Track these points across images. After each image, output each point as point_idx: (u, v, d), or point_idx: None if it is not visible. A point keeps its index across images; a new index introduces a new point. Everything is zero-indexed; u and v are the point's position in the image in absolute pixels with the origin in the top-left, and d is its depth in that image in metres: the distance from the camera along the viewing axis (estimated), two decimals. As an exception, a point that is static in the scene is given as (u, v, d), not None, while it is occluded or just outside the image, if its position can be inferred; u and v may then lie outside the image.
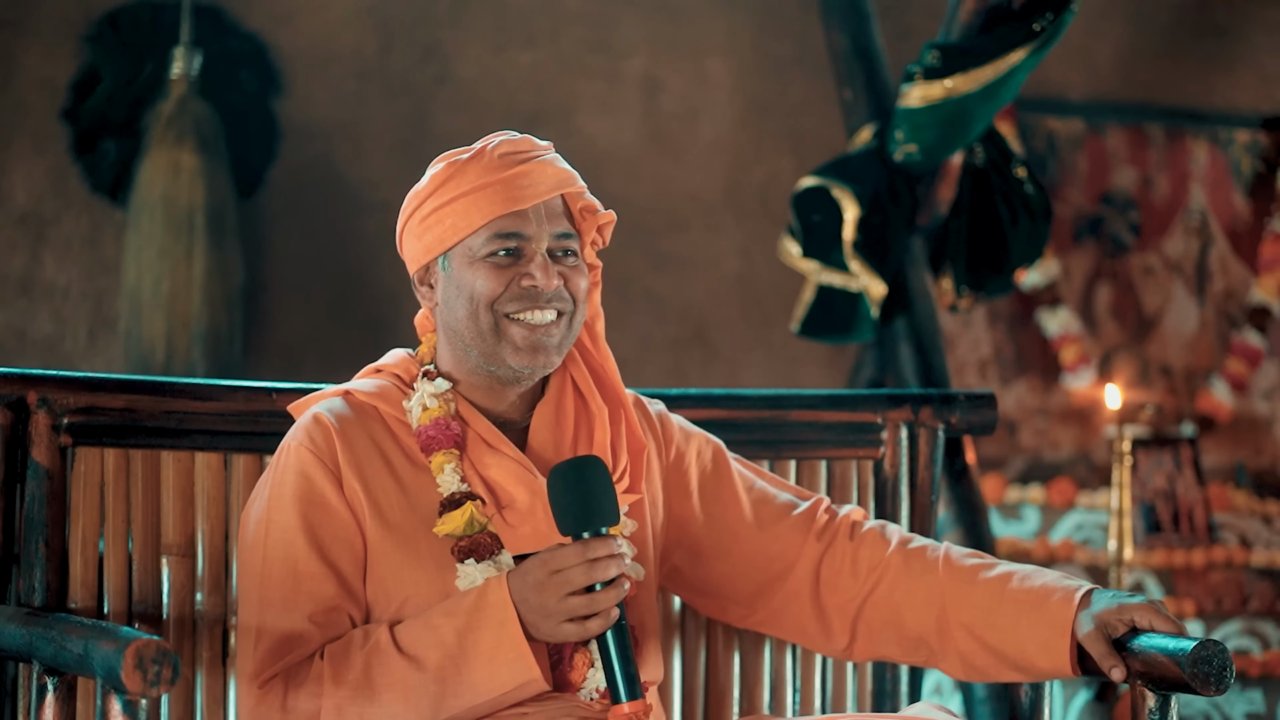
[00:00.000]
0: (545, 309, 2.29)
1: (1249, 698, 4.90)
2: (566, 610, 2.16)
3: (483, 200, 2.28)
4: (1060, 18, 3.98)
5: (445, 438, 2.29)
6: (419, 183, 2.38)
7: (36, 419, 2.43)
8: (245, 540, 2.30)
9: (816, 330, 4.38)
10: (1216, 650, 2.23)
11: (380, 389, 2.35)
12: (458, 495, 2.27)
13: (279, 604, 2.23)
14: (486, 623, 2.18)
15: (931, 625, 2.41)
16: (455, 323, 2.32)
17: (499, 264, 2.29)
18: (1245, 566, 5.23)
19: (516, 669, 2.17)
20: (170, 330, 4.74)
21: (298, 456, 2.28)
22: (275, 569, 2.25)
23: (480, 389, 2.34)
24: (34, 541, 2.40)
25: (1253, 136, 5.94)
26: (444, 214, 2.31)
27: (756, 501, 2.49)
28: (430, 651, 2.18)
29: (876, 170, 4.26)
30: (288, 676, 2.21)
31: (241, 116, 5.01)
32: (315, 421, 2.30)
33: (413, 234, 2.37)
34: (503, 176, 2.29)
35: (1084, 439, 5.71)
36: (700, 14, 5.50)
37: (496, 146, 2.32)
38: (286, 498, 2.26)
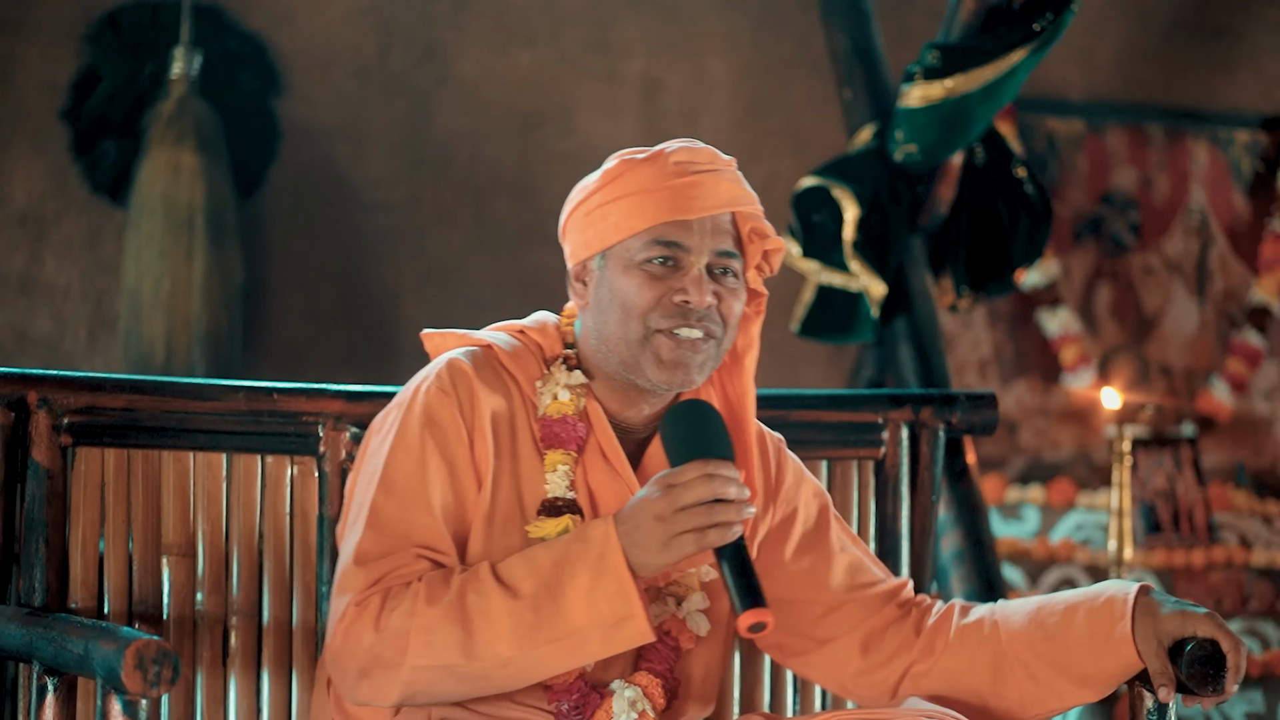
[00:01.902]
0: (694, 327, 2.23)
1: (1249, 698, 4.89)
2: (684, 521, 2.09)
3: (649, 203, 2.22)
4: (1060, 18, 3.98)
5: (568, 437, 2.25)
6: (588, 176, 2.30)
7: (37, 419, 2.43)
8: (362, 474, 2.25)
9: (816, 330, 4.38)
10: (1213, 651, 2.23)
11: (520, 355, 2.29)
12: (560, 502, 2.23)
13: (388, 540, 2.19)
14: (588, 554, 2.12)
15: (987, 671, 2.35)
16: (602, 325, 2.26)
17: (654, 273, 2.22)
18: (1245, 566, 5.23)
19: (616, 603, 2.11)
20: (170, 330, 4.74)
21: (437, 403, 2.23)
22: (389, 506, 2.20)
23: (614, 392, 2.29)
24: (34, 541, 2.40)
25: (1253, 136, 5.94)
26: (608, 211, 2.24)
27: (847, 567, 2.43)
28: (526, 580, 2.13)
29: (876, 170, 4.26)
30: (385, 596, 2.16)
31: (241, 116, 5.01)
32: (459, 371, 2.25)
33: (576, 226, 2.28)
34: (674, 184, 2.22)
35: (1084, 439, 5.71)
36: (700, 14, 5.50)
37: (675, 152, 2.26)
38: (414, 444, 2.21)
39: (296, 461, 2.53)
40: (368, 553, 2.19)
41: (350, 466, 2.55)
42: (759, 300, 2.35)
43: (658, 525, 2.10)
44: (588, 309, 2.28)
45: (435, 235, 5.27)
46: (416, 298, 5.22)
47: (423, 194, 5.28)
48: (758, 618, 2.09)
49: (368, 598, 2.17)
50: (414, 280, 5.23)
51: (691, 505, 2.10)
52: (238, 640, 2.49)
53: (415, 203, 5.27)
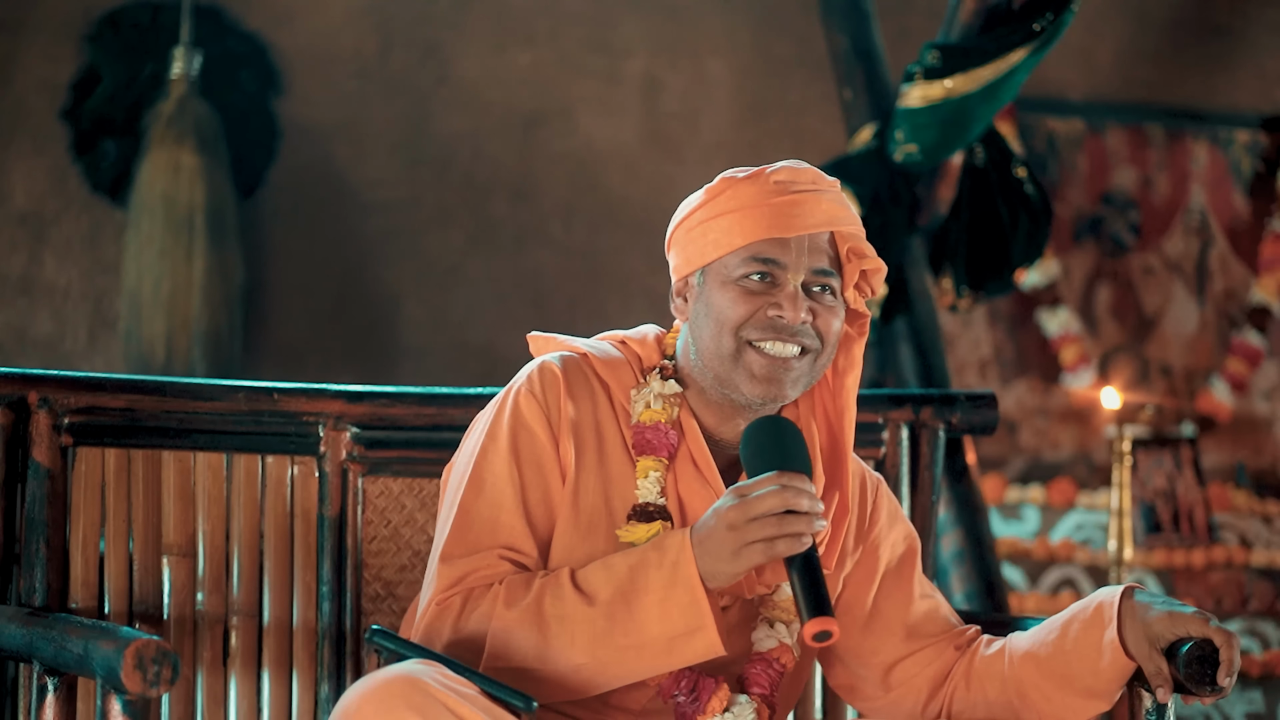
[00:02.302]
0: (789, 342, 2.24)
1: (1249, 698, 4.89)
2: (755, 530, 2.09)
3: (748, 221, 2.24)
4: (1060, 18, 3.98)
5: (660, 444, 2.27)
6: (695, 193, 2.33)
7: (37, 419, 2.43)
8: (454, 474, 2.29)
9: (816, 330, 4.38)
10: (1211, 651, 2.23)
11: (616, 364, 2.32)
12: (651, 508, 2.25)
13: (473, 540, 2.22)
14: (661, 561, 2.14)
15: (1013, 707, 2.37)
16: (699, 340, 2.28)
17: (750, 289, 2.24)
18: (1245, 566, 5.23)
19: (689, 613, 2.12)
20: (170, 330, 4.74)
21: (525, 406, 2.26)
22: (476, 506, 2.23)
23: (709, 406, 2.31)
24: (34, 541, 2.40)
25: (1253, 136, 5.94)
26: (709, 228, 2.27)
27: (925, 614, 2.43)
28: (602, 587, 2.15)
29: (876, 170, 4.26)
30: (466, 597, 2.20)
31: (241, 116, 5.01)
32: (549, 374, 2.28)
33: (678, 243, 2.31)
34: (774, 202, 2.24)
35: (1084, 439, 5.71)
36: (700, 14, 5.50)
37: (776, 171, 2.28)
38: (503, 445, 2.25)
39: (297, 461, 2.53)
40: (453, 551, 2.22)
41: (350, 466, 2.55)
42: (862, 321, 2.36)
43: (729, 534, 2.12)
44: (688, 324, 2.31)
45: (435, 235, 5.27)
46: (416, 298, 5.22)
47: (423, 194, 5.28)
48: (823, 626, 2.10)
49: (449, 598, 2.20)
50: (414, 280, 5.23)
51: (763, 515, 2.11)
52: (238, 640, 2.49)
53: (415, 203, 5.27)
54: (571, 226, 5.27)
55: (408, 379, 4.80)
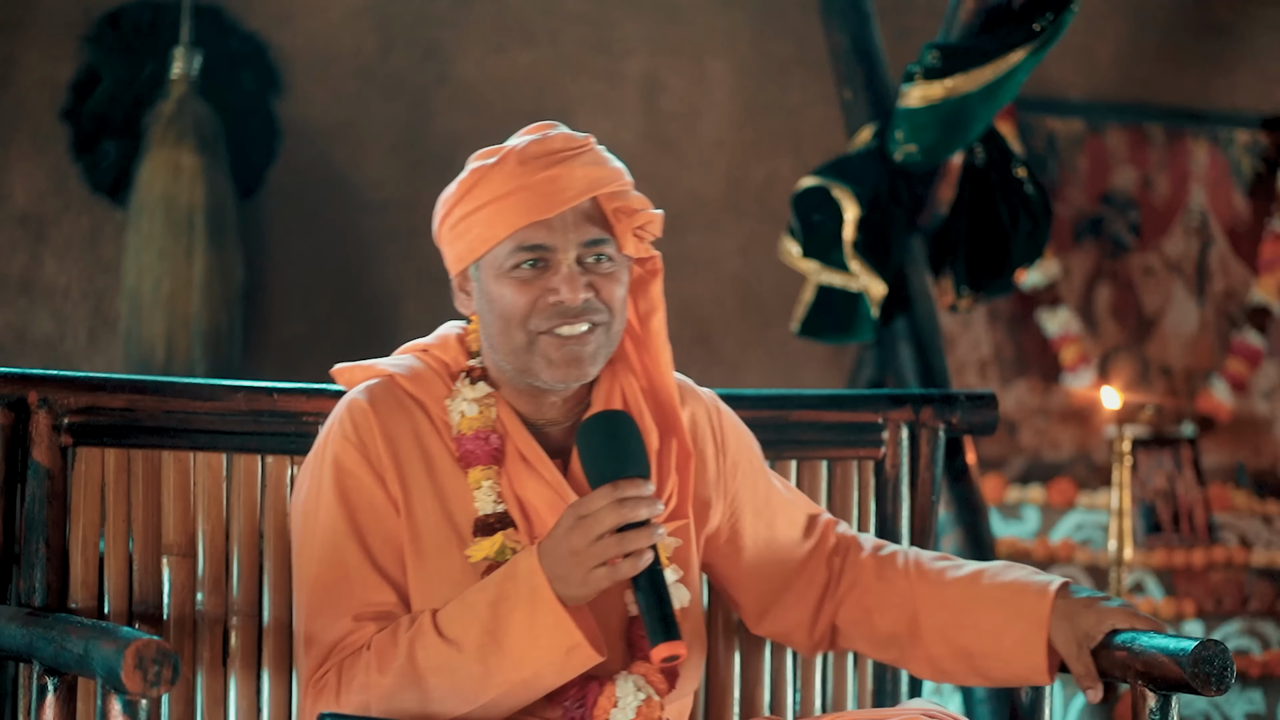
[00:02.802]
0: (576, 322, 2.20)
1: (1249, 698, 4.90)
2: (597, 553, 2.08)
3: (506, 210, 2.18)
4: (1060, 18, 3.98)
5: (484, 453, 2.23)
6: (449, 186, 2.27)
7: (37, 419, 2.43)
8: (295, 536, 2.27)
9: (816, 330, 4.38)
10: (1218, 650, 2.23)
11: (423, 378, 2.28)
12: (492, 519, 2.22)
13: (330, 608, 2.20)
14: (518, 591, 2.11)
15: (904, 628, 2.41)
16: (490, 335, 2.25)
17: (524, 278, 2.20)
18: (1245, 566, 5.23)
19: (556, 636, 2.10)
20: (170, 330, 4.74)
21: (342, 453, 2.23)
22: (324, 572, 2.21)
23: (522, 395, 2.27)
24: (34, 541, 2.40)
25: (1253, 136, 5.94)
26: (471, 223, 2.21)
27: (786, 521, 2.46)
28: (468, 630, 2.13)
29: (876, 170, 4.26)
30: (340, 672, 2.18)
31: (241, 116, 5.01)
32: (358, 412, 2.25)
33: (445, 241, 2.27)
34: (528, 183, 2.18)
35: (1084, 439, 5.71)
36: (700, 14, 5.50)
37: (525, 148, 2.21)
38: (331, 497, 2.22)
39: (296, 461, 2.53)
40: (313, 628, 2.20)
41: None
42: (653, 260, 2.32)
43: (573, 560, 2.10)
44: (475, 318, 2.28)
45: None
46: (416, 298, 5.22)
47: (423, 194, 5.28)
48: (672, 650, 2.10)
49: (323, 676, 2.19)
50: (414, 280, 5.23)
51: (603, 535, 2.09)
52: (238, 640, 2.49)
53: (415, 203, 5.27)
54: (571, 226, 5.27)
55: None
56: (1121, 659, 2.33)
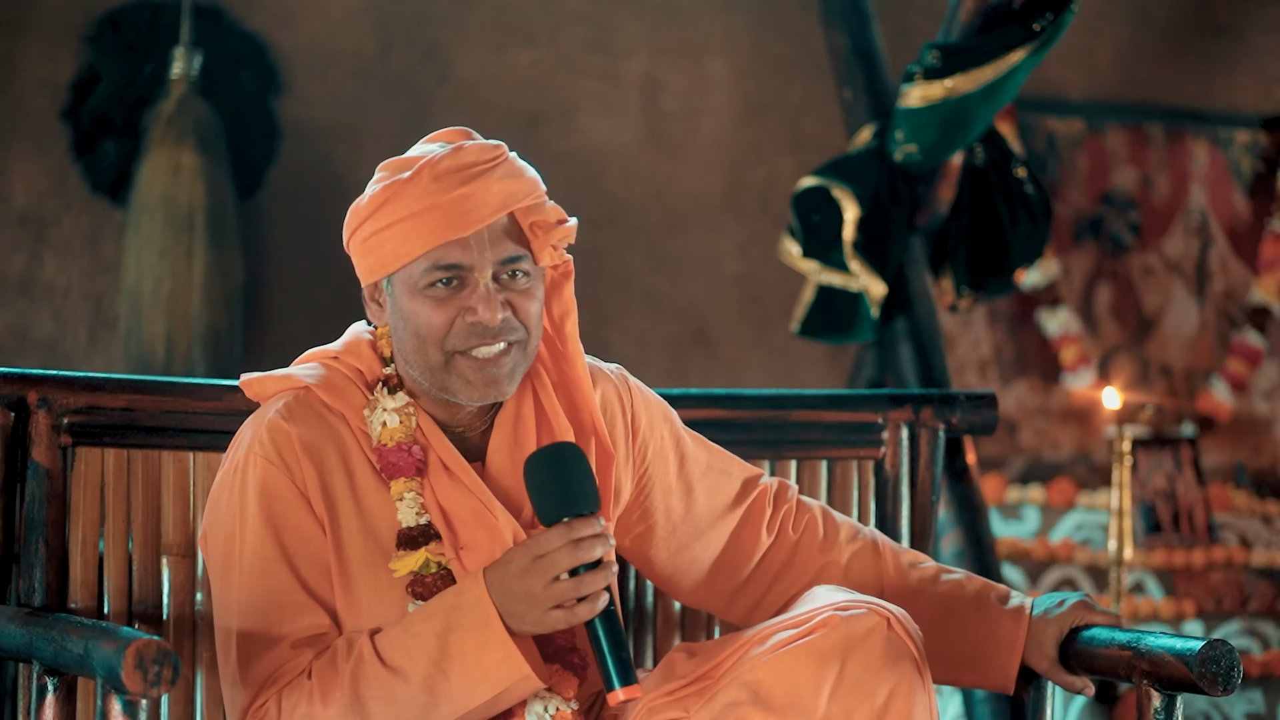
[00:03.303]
0: (493, 342, 2.17)
1: (1249, 698, 4.89)
2: (554, 596, 2.07)
3: (421, 228, 2.14)
4: (1060, 18, 3.98)
5: (406, 464, 2.19)
6: (361, 197, 2.23)
7: (36, 419, 2.43)
8: (216, 562, 2.21)
9: (816, 330, 4.38)
10: (1224, 650, 2.23)
11: (338, 388, 2.25)
12: (415, 531, 2.18)
13: (263, 635, 2.16)
14: (467, 623, 2.09)
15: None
16: (404, 350, 2.22)
17: (439, 296, 2.16)
18: (1245, 566, 5.23)
19: (505, 669, 2.09)
20: (170, 330, 4.74)
21: (263, 474, 2.18)
22: (254, 596, 2.17)
23: (437, 403, 2.24)
24: (34, 541, 2.40)
25: (1253, 136, 5.94)
26: (383, 239, 2.17)
27: (709, 489, 2.41)
28: (414, 660, 2.10)
29: (876, 170, 4.26)
30: (279, 701, 2.15)
31: (241, 116, 5.01)
32: (276, 431, 2.20)
33: (357, 253, 2.23)
34: (442, 201, 2.14)
35: (1084, 439, 5.71)
36: (700, 14, 5.50)
37: (438, 162, 2.16)
38: (257, 522, 2.18)
39: (296, 461, 2.53)
40: (247, 654, 2.16)
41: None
42: (565, 264, 2.28)
43: (528, 601, 2.08)
44: (386, 330, 2.25)
45: (435, 235, 5.27)
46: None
47: (423, 194, 5.28)
48: (630, 695, 2.08)
49: (262, 706, 2.15)
50: (414, 280, 5.23)
51: (559, 577, 2.07)
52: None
53: (415, 203, 5.27)
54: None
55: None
56: (1127, 658, 2.32)
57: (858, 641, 2.10)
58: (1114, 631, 2.38)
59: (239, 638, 2.18)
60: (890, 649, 2.12)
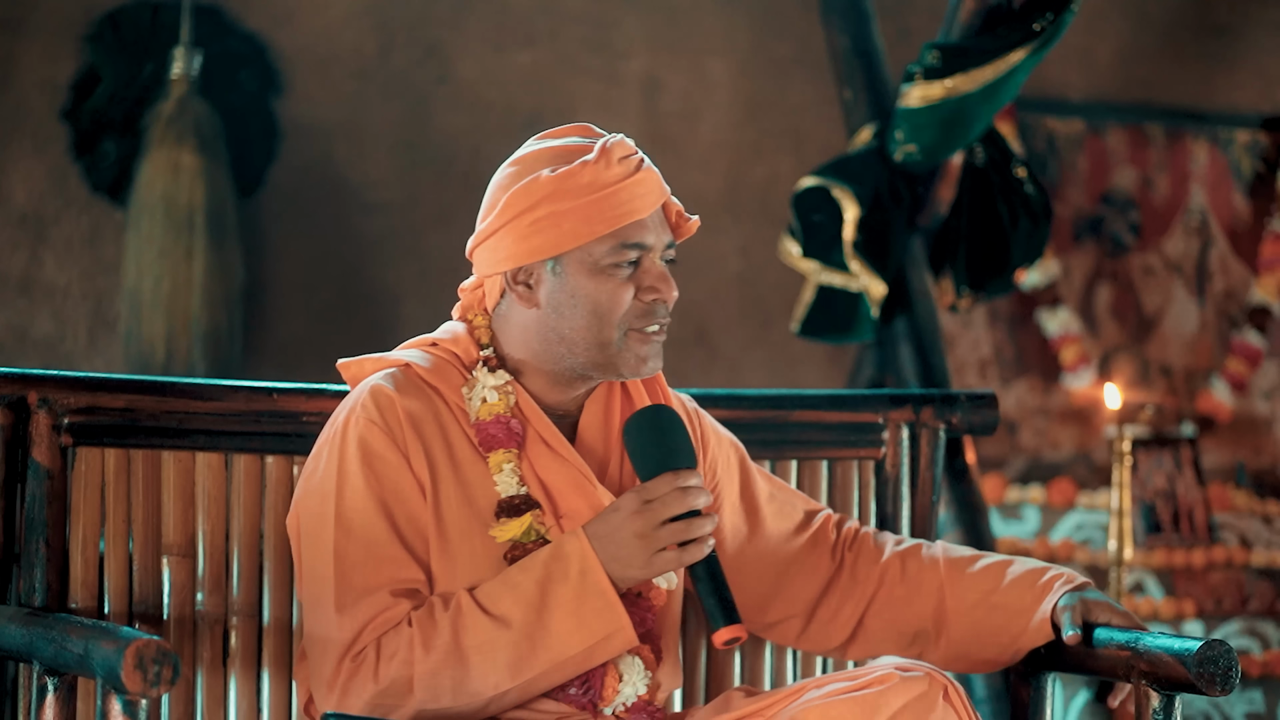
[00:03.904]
0: (659, 321, 2.27)
1: (1249, 698, 4.90)
2: (664, 538, 2.15)
3: (608, 206, 2.22)
4: (1060, 18, 3.98)
5: (506, 436, 2.27)
6: (521, 179, 2.27)
7: (37, 419, 2.43)
8: (311, 516, 2.25)
9: (816, 330, 4.38)
10: (1222, 650, 2.23)
11: (439, 368, 2.31)
12: (517, 500, 2.25)
13: (360, 583, 2.20)
14: (569, 572, 2.16)
15: (929, 617, 2.46)
16: (565, 328, 2.27)
17: (623, 276, 2.25)
18: (1245, 566, 5.23)
19: (605, 618, 2.16)
20: (170, 330, 4.74)
21: (368, 434, 2.24)
22: (352, 548, 2.21)
23: (547, 382, 2.31)
24: (34, 541, 2.40)
25: (1253, 136, 5.94)
26: (562, 217, 2.22)
27: (775, 514, 2.51)
28: (514, 608, 2.16)
29: (876, 170, 4.26)
30: (377, 646, 2.18)
31: (241, 116, 5.01)
32: (382, 396, 2.26)
33: (516, 233, 2.25)
34: (627, 182, 2.23)
35: (1084, 439, 5.71)
36: (700, 14, 5.50)
37: (613, 147, 2.25)
38: (359, 478, 2.23)
39: (297, 462, 2.53)
40: (344, 600, 2.20)
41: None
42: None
43: (639, 543, 2.16)
44: (539, 311, 2.28)
45: (435, 235, 5.27)
46: (416, 298, 5.22)
47: (423, 194, 5.28)
48: (734, 633, 2.16)
49: (361, 651, 2.19)
50: (414, 280, 5.23)
51: (669, 520, 2.15)
52: (238, 640, 2.49)
53: (415, 203, 5.27)
54: (571, 226, 5.28)
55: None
56: (1125, 658, 2.33)
57: (910, 703, 2.16)
58: (1113, 631, 2.38)
59: (336, 585, 2.21)
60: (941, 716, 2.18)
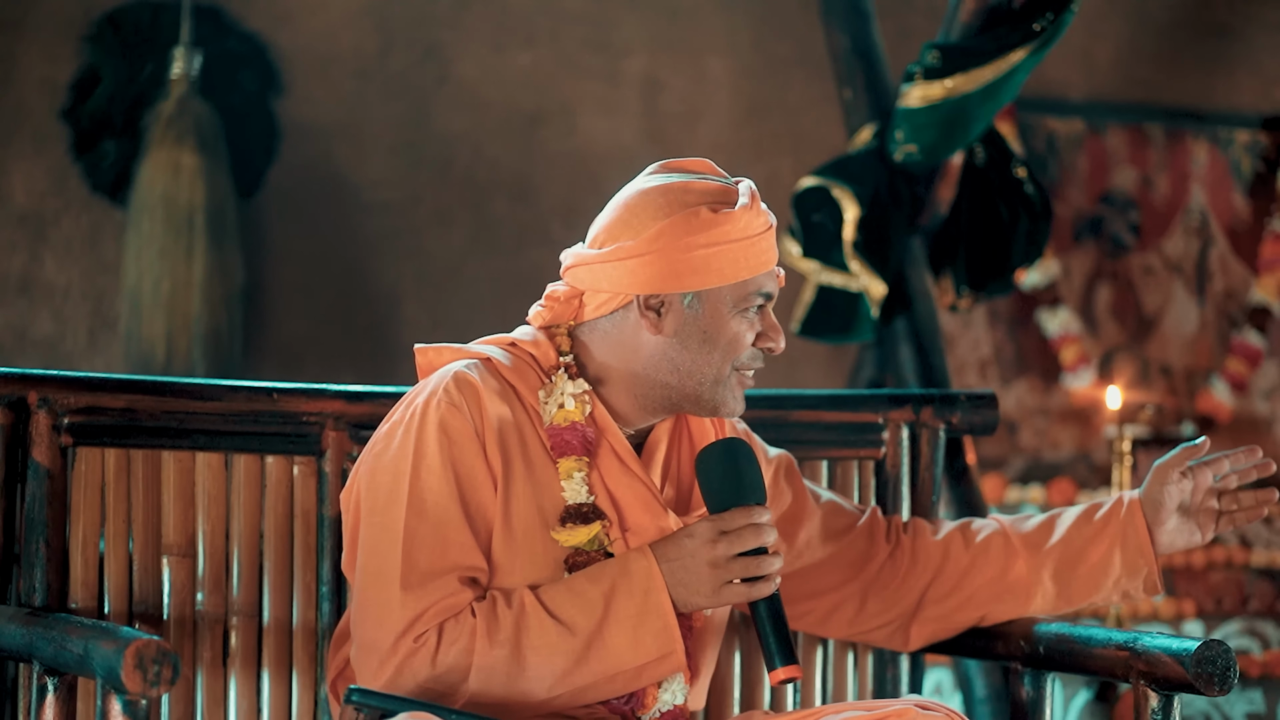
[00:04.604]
0: (758, 365, 2.36)
1: (1249, 698, 4.90)
2: (737, 570, 2.19)
3: (753, 254, 2.30)
4: (1060, 18, 3.98)
5: (579, 444, 2.29)
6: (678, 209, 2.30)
7: (37, 419, 2.43)
8: (379, 492, 2.25)
9: (816, 330, 4.38)
10: (1221, 650, 2.24)
11: (519, 366, 2.33)
12: (585, 508, 2.27)
13: (427, 564, 2.21)
14: (632, 590, 2.19)
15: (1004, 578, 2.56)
16: (685, 360, 2.31)
17: (750, 320, 2.32)
18: (1245, 566, 5.23)
19: (661, 639, 2.19)
20: (170, 330, 4.74)
21: (449, 416, 2.25)
22: (423, 528, 2.22)
23: (631, 402, 2.35)
24: (34, 541, 2.40)
25: (1253, 136, 5.94)
26: (715, 255, 2.29)
27: (827, 515, 2.56)
28: (579, 616, 2.19)
29: (876, 170, 4.26)
30: (439, 630, 2.19)
31: (241, 116, 5.01)
32: (465, 382, 2.27)
33: (665, 260, 2.29)
34: (766, 233, 2.32)
35: (1084, 439, 5.71)
36: (700, 14, 5.50)
37: (756, 198, 2.34)
38: (434, 460, 2.23)
39: (297, 461, 2.53)
40: (410, 580, 2.20)
41: (350, 467, 2.54)
42: None
43: (710, 572, 2.20)
44: (661, 338, 2.31)
45: (435, 235, 5.27)
46: (416, 298, 5.22)
47: (423, 194, 5.28)
48: (790, 674, 2.18)
49: (423, 632, 2.19)
50: (414, 280, 5.23)
51: (741, 554, 2.20)
52: (238, 640, 2.49)
53: (415, 203, 5.27)
54: (571, 226, 5.27)
55: (408, 379, 4.76)
56: (1124, 659, 2.33)
57: None
58: (1111, 632, 2.38)
59: (404, 564, 2.21)
60: None
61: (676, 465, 2.39)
